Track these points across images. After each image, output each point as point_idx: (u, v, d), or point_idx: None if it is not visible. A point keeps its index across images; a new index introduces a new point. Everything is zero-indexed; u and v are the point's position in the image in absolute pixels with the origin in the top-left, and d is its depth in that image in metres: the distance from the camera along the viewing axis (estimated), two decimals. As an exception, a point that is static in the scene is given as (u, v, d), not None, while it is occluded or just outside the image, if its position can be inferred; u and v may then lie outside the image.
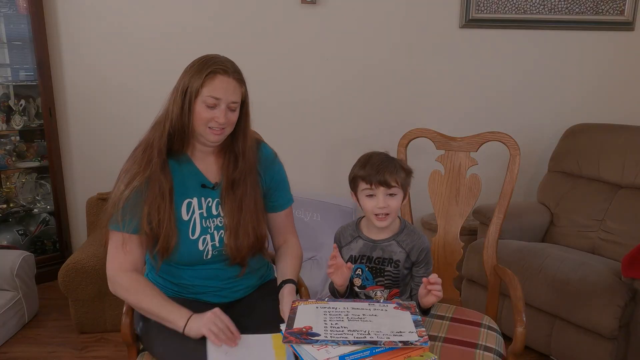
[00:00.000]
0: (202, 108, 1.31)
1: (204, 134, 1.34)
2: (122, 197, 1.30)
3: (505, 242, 2.35)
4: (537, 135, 2.98)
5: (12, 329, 2.42)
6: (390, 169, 1.33)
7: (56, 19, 2.87)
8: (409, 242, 1.39)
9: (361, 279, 1.42)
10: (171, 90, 1.37)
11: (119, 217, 1.31)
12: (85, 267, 2.33)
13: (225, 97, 1.31)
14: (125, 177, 1.33)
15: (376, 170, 1.33)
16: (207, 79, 1.30)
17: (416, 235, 1.41)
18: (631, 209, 2.37)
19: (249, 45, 2.89)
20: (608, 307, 1.92)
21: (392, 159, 1.38)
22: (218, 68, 1.31)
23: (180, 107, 1.31)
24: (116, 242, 1.35)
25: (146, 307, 1.32)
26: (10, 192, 2.95)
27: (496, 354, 1.43)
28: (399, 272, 1.37)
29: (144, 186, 1.31)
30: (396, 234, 1.40)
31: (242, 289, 1.48)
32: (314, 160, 2.97)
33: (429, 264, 1.41)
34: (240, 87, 1.36)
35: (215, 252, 1.40)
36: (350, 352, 1.06)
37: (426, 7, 2.87)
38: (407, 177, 1.37)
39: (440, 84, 2.97)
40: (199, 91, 1.30)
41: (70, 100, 2.98)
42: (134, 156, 1.36)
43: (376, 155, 1.38)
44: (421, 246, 1.39)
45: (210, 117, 1.31)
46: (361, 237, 1.42)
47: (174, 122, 1.33)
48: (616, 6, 2.80)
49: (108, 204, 1.34)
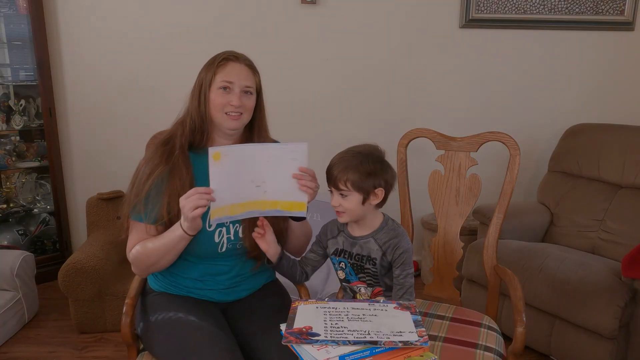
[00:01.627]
0: (217, 94, 1.35)
1: (222, 120, 1.37)
2: (145, 187, 1.33)
3: (505, 242, 2.35)
4: (537, 135, 2.98)
5: (12, 329, 2.42)
6: (341, 170, 1.30)
7: (56, 19, 2.87)
8: (385, 240, 1.36)
9: (345, 273, 1.42)
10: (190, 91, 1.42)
11: (141, 208, 1.34)
12: (85, 267, 2.33)
13: (238, 81, 1.36)
14: (146, 168, 1.36)
15: (329, 168, 1.34)
16: (219, 67, 1.36)
17: (394, 233, 1.37)
18: (631, 209, 2.37)
19: (249, 46, 2.84)
20: (608, 307, 1.92)
21: (361, 157, 1.31)
22: (229, 56, 1.38)
23: (197, 100, 1.37)
24: (137, 231, 1.37)
25: (156, 253, 1.34)
26: (10, 192, 2.94)
27: (496, 354, 1.43)
28: (377, 269, 1.37)
29: (165, 177, 1.34)
30: (375, 231, 1.38)
31: (247, 288, 1.48)
32: (314, 160, 2.94)
33: (406, 265, 1.35)
34: (254, 75, 1.41)
35: (229, 246, 1.41)
36: (350, 352, 1.06)
37: (426, 7, 2.87)
38: (367, 180, 1.30)
39: (440, 84, 2.97)
40: (212, 79, 1.36)
41: (70, 100, 2.98)
42: (155, 150, 1.38)
43: (348, 151, 1.35)
44: (397, 245, 1.35)
45: (225, 101, 1.35)
46: (343, 233, 1.42)
47: (193, 117, 1.38)
48: (616, 6, 2.80)
49: (129, 194, 1.37)
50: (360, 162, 1.31)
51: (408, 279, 1.35)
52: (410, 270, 1.36)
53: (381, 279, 1.39)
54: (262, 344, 1.33)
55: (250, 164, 1.27)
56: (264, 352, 1.31)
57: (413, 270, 1.38)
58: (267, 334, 1.33)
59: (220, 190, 1.24)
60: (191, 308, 1.37)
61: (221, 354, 1.23)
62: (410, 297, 1.33)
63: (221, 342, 1.27)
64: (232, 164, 1.24)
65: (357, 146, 1.37)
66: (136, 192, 1.35)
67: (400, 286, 1.34)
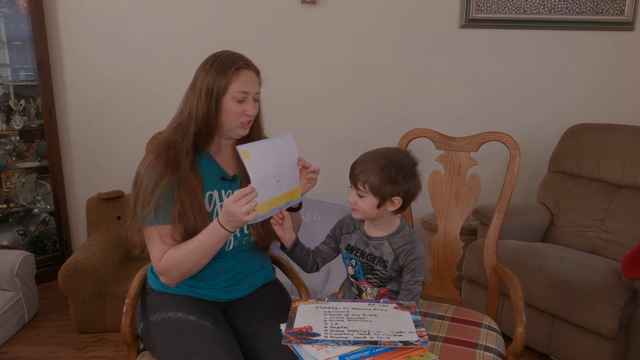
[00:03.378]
0: (233, 104, 1.34)
1: (235, 129, 1.37)
2: (153, 198, 1.30)
3: (505, 242, 2.35)
4: (537, 135, 2.98)
5: (12, 329, 2.42)
6: (363, 170, 1.30)
7: (56, 19, 2.88)
8: (399, 245, 1.35)
9: (354, 270, 1.42)
10: (186, 92, 1.39)
11: (152, 217, 1.31)
12: (85, 267, 2.33)
13: (252, 90, 1.36)
14: (150, 176, 1.31)
15: (354, 164, 1.34)
16: (233, 76, 1.33)
17: (409, 239, 1.36)
18: (631, 209, 2.37)
19: (248, 45, 2.85)
20: (608, 307, 1.92)
21: (386, 162, 1.29)
22: (241, 63, 1.36)
23: (207, 107, 1.33)
24: (158, 239, 1.34)
25: (194, 257, 1.32)
26: (10, 192, 2.94)
27: (496, 354, 1.43)
28: (387, 272, 1.37)
29: (175, 187, 1.32)
30: (391, 234, 1.38)
31: (248, 287, 1.49)
32: (314, 160, 2.95)
33: (416, 272, 1.34)
34: (259, 79, 1.41)
35: (236, 243, 1.42)
36: (350, 352, 1.06)
37: (426, 7, 2.87)
38: (386, 186, 1.28)
39: (440, 84, 2.97)
40: (227, 88, 1.33)
41: (70, 100, 2.98)
42: (156, 157, 1.34)
43: (377, 152, 1.34)
44: (411, 251, 1.34)
45: (241, 111, 1.35)
46: (359, 230, 1.42)
47: (199, 123, 1.35)
48: (616, 6, 2.80)
49: (135, 205, 1.34)
50: (383, 166, 1.29)
51: (416, 286, 1.35)
52: (420, 278, 1.36)
53: (388, 283, 1.39)
54: (262, 344, 1.33)
55: (269, 160, 1.28)
56: (263, 352, 1.31)
57: (422, 279, 1.37)
58: (267, 334, 1.34)
59: (259, 187, 1.24)
60: (191, 308, 1.37)
61: (221, 354, 1.23)
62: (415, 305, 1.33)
63: (221, 342, 1.27)
64: (260, 161, 1.25)
65: (388, 149, 1.35)
66: (143, 203, 1.31)
67: (408, 292, 1.34)
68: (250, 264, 1.48)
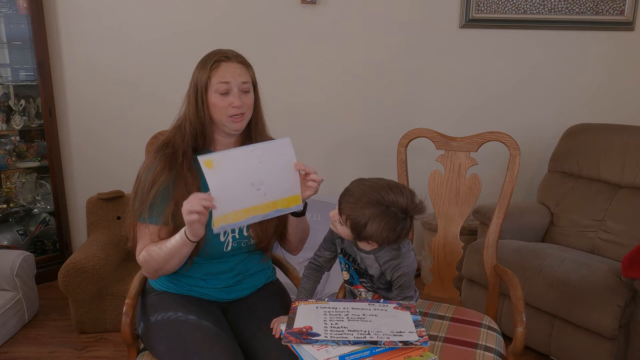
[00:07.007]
0: (216, 98, 1.34)
1: (226, 123, 1.37)
2: (150, 195, 1.33)
3: (505, 242, 2.35)
4: (537, 135, 2.98)
5: (12, 329, 2.42)
6: (348, 208, 1.24)
7: (56, 19, 2.88)
8: (386, 260, 1.30)
9: (349, 274, 1.41)
10: (185, 94, 1.40)
11: (146, 214, 1.34)
12: (85, 267, 2.33)
13: (235, 80, 1.35)
14: (148, 174, 1.35)
15: (347, 190, 1.28)
16: (212, 70, 1.34)
17: (396, 254, 1.30)
18: (631, 209, 2.37)
19: (249, 46, 2.86)
20: (608, 307, 1.92)
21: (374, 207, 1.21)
22: (220, 57, 1.36)
23: (195, 104, 1.35)
24: (145, 235, 1.37)
25: (161, 258, 1.32)
26: (10, 192, 2.94)
27: (496, 354, 1.43)
28: (375, 284, 1.35)
29: (170, 185, 1.34)
30: (377, 248, 1.30)
31: (248, 287, 1.49)
32: (314, 160, 2.97)
33: (404, 288, 1.30)
34: (248, 70, 1.39)
35: (235, 244, 1.42)
36: (350, 352, 1.06)
37: (426, 7, 2.87)
38: (364, 230, 1.22)
39: (440, 84, 2.97)
40: (208, 83, 1.34)
41: (70, 100, 2.98)
42: (155, 156, 1.37)
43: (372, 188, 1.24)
44: (397, 266, 1.29)
45: (226, 104, 1.34)
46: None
47: (192, 122, 1.36)
48: (616, 6, 2.80)
49: (133, 203, 1.37)
50: (370, 215, 1.21)
51: (406, 300, 1.31)
52: (409, 293, 1.32)
53: (379, 291, 1.38)
54: (262, 343, 1.33)
55: (245, 168, 1.24)
56: (264, 352, 1.31)
57: (413, 293, 1.34)
58: (268, 334, 1.33)
59: (222, 197, 1.20)
60: (191, 308, 1.37)
61: (221, 354, 1.23)
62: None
63: (221, 342, 1.27)
64: (228, 170, 1.21)
65: (390, 186, 1.24)
66: (140, 200, 1.34)
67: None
68: (250, 265, 1.48)
